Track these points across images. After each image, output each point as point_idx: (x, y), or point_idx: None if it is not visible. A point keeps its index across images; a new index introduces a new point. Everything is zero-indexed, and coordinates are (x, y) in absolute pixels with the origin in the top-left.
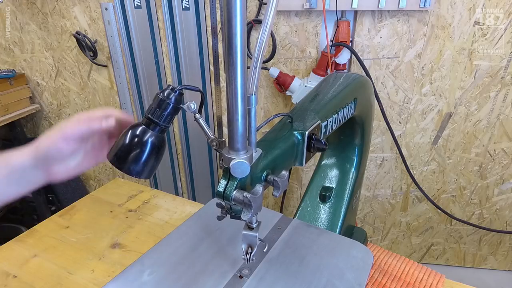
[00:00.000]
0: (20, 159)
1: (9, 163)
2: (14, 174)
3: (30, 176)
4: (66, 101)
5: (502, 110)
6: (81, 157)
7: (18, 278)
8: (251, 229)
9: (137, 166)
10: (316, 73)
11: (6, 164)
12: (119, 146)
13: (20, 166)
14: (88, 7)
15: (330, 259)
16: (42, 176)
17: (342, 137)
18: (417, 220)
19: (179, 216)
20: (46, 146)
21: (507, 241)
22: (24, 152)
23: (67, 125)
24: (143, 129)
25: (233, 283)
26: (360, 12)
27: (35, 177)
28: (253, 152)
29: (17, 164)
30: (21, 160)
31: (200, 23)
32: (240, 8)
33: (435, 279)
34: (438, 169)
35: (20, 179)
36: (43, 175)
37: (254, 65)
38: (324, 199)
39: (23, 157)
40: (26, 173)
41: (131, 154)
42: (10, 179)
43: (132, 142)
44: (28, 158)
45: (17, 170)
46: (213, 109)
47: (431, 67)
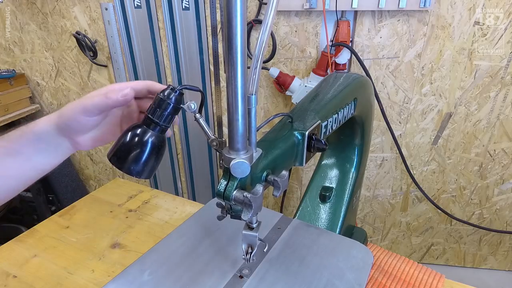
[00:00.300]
0: (45, 126)
1: (35, 131)
2: (41, 141)
3: (57, 144)
4: (66, 101)
5: (502, 110)
6: (106, 129)
7: (18, 278)
8: (251, 229)
9: (137, 166)
10: (316, 73)
11: (32, 131)
12: (119, 146)
13: (45, 133)
14: (88, 7)
15: (330, 259)
16: (68, 145)
17: (342, 137)
18: (417, 220)
19: (179, 216)
20: (67, 118)
21: (507, 241)
22: (48, 119)
23: (87, 97)
24: (143, 129)
25: (233, 283)
26: (360, 12)
27: (61, 145)
28: (253, 152)
29: (43, 131)
30: (46, 128)
31: (200, 23)
32: (240, 8)
33: (435, 279)
34: (438, 169)
35: (47, 147)
36: (69, 144)
37: (254, 65)
38: (324, 199)
39: (48, 124)
40: (52, 141)
41: (131, 154)
42: (38, 147)
43: (132, 142)
44: (52, 126)
45: (43, 137)
46: (213, 109)
47: (431, 67)
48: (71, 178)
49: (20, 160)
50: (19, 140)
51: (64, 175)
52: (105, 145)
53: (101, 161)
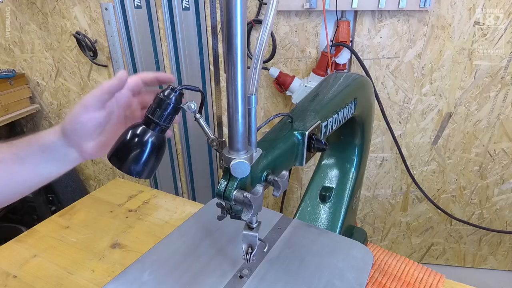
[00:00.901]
0: (51, 137)
1: (42, 142)
2: (48, 153)
3: (64, 154)
4: (66, 101)
5: (502, 110)
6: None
7: (18, 278)
8: (251, 229)
9: (137, 166)
10: (316, 73)
11: (38, 143)
12: (119, 146)
13: (52, 144)
14: (88, 7)
15: (330, 259)
16: (76, 154)
17: (342, 137)
18: (417, 220)
19: (179, 216)
20: (69, 121)
21: (507, 241)
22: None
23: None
24: (144, 129)
25: (233, 283)
26: (360, 12)
27: (68, 155)
28: (253, 152)
29: (49, 143)
30: (52, 138)
31: (200, 23)
32: (240, 8)
33: (435, 279)
34: (438, 169)
35: (55, 157)
36: (77, 153)
37: (254, 65)
38: (324, 199)
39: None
40: (60, 151)
41: (131, 154)
42: (46, 157)
43: (132, 142)
44: (57, 137)
45: (50, 149)
46: (213, 109)
47: (431, 67)
48: (71, 178)
49: (27, 167)
50: (27, 149)
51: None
52: None
53: (101, 161)
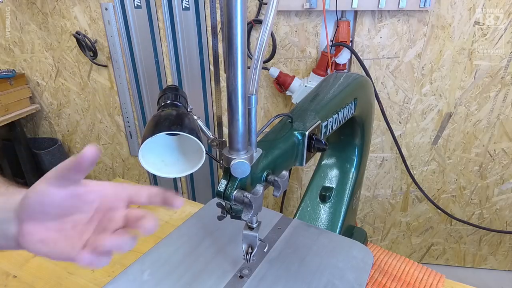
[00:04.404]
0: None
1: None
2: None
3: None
4: (66, 101)
5: (502, 110)
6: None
7: (18, 278)
8: (251, 229)
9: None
10: (316, 73)
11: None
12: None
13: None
14: (88, 7)
15: (330, 259)
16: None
17: (342, 137)
18: (417, 220)
19: (179, 216)
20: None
21: (507, 241)
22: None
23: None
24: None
25: (233, 283)
26: (360, 12)
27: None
28: (254, 152)
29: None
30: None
31: (200, 23)
32: (241, 8)
33: (435, 279)
34: (438, 169)
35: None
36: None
37: (254, 65)
38: (324, 199)
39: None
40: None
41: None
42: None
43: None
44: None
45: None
46: (213, 109)
47: (431, 67)
48: None
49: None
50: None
51: None
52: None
53: (101, 161)
